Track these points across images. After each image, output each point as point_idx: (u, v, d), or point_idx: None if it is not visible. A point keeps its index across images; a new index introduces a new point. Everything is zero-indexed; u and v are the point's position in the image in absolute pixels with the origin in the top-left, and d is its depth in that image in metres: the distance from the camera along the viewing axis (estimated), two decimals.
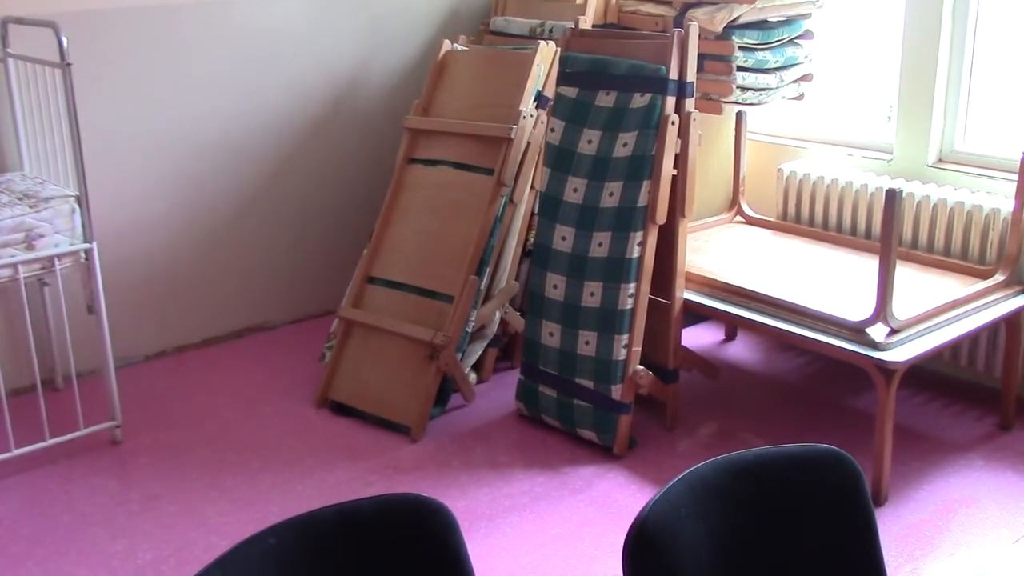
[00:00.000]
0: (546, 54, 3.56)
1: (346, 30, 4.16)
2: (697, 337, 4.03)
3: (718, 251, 3.64)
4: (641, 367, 3.16)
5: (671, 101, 3.11)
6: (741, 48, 3.51)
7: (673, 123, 3.09)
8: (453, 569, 1.38)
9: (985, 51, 3.50)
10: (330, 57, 4.15)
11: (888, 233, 2.79)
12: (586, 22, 3.64)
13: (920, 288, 3.22)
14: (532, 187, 3.61)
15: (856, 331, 2.92)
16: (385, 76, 4.31)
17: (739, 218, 3.95)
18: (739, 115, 3.87)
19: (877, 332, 2.88)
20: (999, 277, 3.22)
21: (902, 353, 2.85)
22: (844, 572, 1.48)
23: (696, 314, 3.48)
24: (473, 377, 3.61)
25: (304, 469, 3.15)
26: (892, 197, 2.77)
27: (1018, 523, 2.82)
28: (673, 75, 3.09)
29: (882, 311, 2.86)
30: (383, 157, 4.24)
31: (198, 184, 3.95)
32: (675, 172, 3.15)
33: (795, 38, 3.71)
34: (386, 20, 4.25)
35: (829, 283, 3.31)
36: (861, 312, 2.93)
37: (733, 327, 4.07)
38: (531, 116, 3.52)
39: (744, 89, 3.60)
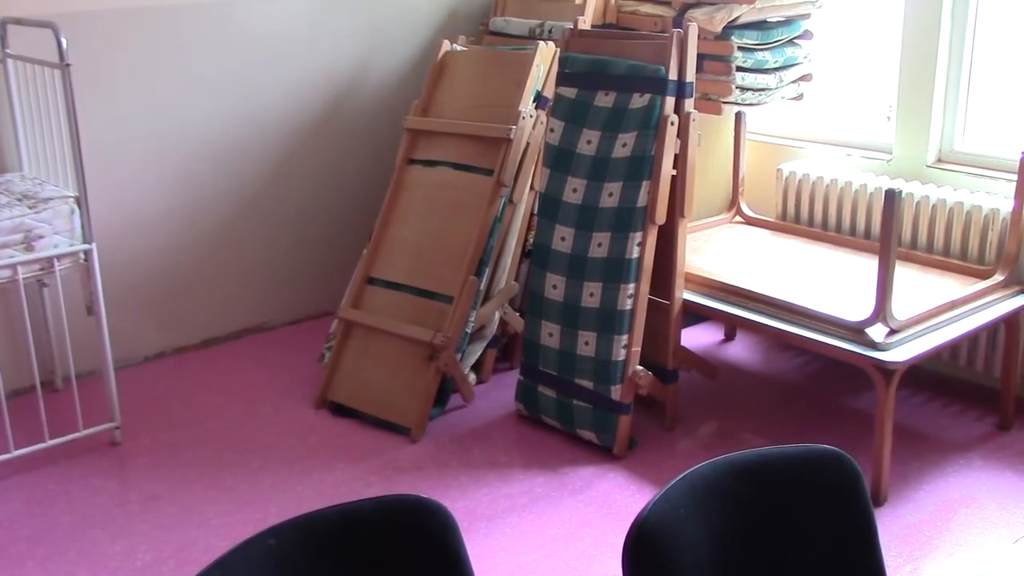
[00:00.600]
0: (545, 54, 3.56)
1: (346, 30, 4.16)
2: (697, 337, 4.03)
3: (718, 251, 3.64)
4: (641, 367, 3.16)
5: (670, 101, 3.11)
6: (740, 48, 3.51)
7: (672, 123, 3.09)
8: (453, 569, 1.38)
9: (984, 51, 3.51)
10: (330, 57, 4.15)
11: (887, 233, 2.79)
12: (585, 22, 3.64)
13: (919, 288, 3.22)
14: (531, 187, 3.61)
15: (855, 331, 2.92)
16: (385, 76, 4.31)
17: (738, 218, 3.95)
18: (738, 115, 3.87)
19: (876, 332, 2.88)
20: (998, 277, 3.22)
21: (901, 353, 2.85)
22: (844, 572, 1.48)
23: (696, 314, 3.48)
24: (472, 377, 3.61)
25: (303, 469, 3.15)
26: (891, 197, 2.77)
27: (1018, 523, 2.82)
28: (672, 75, 3.09)
29: (881, 311, 2.86)
30: (383, 157, 4.24)
31: (198, 185, 3.95)
32: (674, 172, 3.15)
33: (794, 38, 3.71)
34: (386, 20, 4.25)
35: (829, 283, 3.31)
36: (861, 312, 2.93)
37: (733, 327, 4.07)
38: (530, 116, 3.52)
39: (743, 89, 3.60)
